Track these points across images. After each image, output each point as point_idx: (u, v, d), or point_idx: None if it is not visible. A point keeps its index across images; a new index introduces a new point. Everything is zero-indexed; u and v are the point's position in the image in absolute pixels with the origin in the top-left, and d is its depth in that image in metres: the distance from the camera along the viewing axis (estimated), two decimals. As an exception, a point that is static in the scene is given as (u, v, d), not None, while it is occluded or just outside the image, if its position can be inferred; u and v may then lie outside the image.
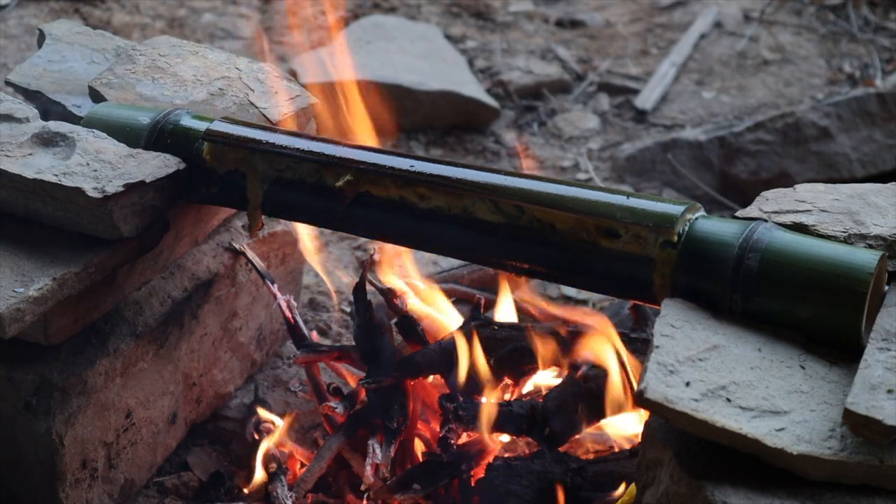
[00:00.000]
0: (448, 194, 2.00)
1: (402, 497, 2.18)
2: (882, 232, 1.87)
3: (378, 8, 4.70)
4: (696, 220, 1.87)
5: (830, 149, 3.79)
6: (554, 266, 1.97)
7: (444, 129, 4.00)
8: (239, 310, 2.57)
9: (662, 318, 1.77)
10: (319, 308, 3.02)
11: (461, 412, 2.20)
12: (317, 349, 2.47)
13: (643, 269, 1.86)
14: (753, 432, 1.61)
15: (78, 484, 2.21)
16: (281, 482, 2.30)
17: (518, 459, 2.21)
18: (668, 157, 3.76)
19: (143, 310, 2.31)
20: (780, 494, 1.61)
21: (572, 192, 1.95)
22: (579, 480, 2.16)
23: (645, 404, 1.65)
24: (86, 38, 2.59)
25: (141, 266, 2.26)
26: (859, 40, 4.53)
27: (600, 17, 4.75)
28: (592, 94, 4.26)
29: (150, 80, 2.41)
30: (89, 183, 2.04)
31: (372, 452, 2.25)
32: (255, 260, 2.52)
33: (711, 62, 4.43)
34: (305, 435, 2.57)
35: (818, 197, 1.96)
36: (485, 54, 4.45)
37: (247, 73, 2.48)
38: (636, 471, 1.81)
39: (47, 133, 2.16)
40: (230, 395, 2.62)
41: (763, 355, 1.74)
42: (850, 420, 1.59)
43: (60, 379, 2.13)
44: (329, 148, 2.12)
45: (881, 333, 1.72)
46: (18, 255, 2.06)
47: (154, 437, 2.40)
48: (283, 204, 2.16)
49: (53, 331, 2.11)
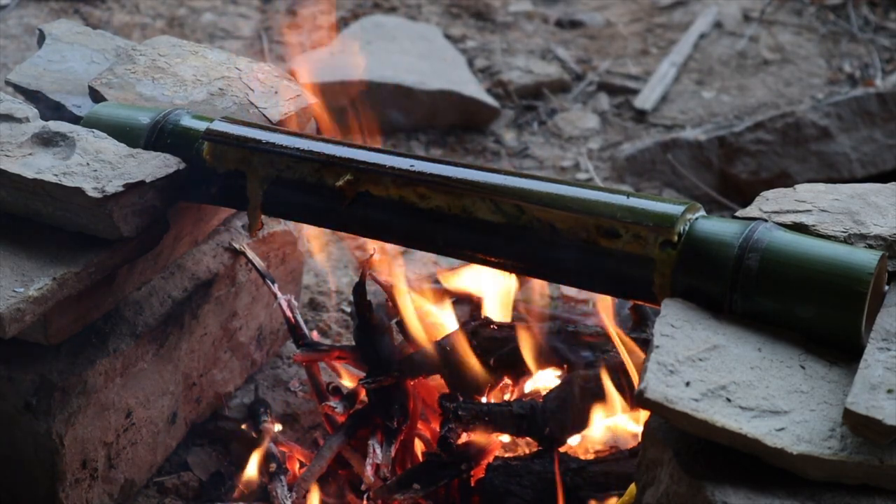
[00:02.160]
0: (448, 194, 2.00)
1: (402, 497, 2.18)
2: (882, 232, 1.87)
3: (378, 8, 4.70)
4: (696, 219, 1.87)
5: (830, 149, 3.79)
6: (554, 266, 1.97)
7: (444, 128, 4.00)
8: (239, 310, 2.57)
9: (662, 318, 1.77)
10: (319, 308, 3.02)
11: (461, 412, 2.20)
12: (317, 348, 2.47)
13: (643, 269, 1.86)
14: (753, 432, 1.61)
15: (78, 484, 2.21)
16: (281, 482, 2.30)
17: (518, 459, 2.21)
18: (668, 157, 3.76)
19: (143, 310, 2.31)
20: (780, 494, 1.61)
21: (572, 191, 1.95)
22: (579, 480, 2.16)
23: (645, 404, 1.64)
24: (86, 38, 2.59)
25: (141, 266, 2.26)
26: (859, 40, 4.53)
27: (600, 17, 4.74)
28: (592, 93, 4.26)
29: (150, 80, 2.41)
30: (89, 183, 2.04)
31: (372, 452, 2.25)
32: (256, 260, 2.52)
33: (711, 62, 4.42)
34: (305, 435, 2.57)
35: (818, 197, 1.96)
36: (485, 54, 4.45)
37: (247, 73, 2.48)
38: (636, 471, 1.81)
39: (47, 133, 2.16)
40: (230, 395, 2.62)
41: (763, 355, 1.74)
42: (850, 420, 1.59)
43: (60, 379, 2.13)
44: (329, 148, 2.12)
45: (881, 333, 1.72)
46: (18, 255, 2.06)
47: (154, 437, 2.40)
48: (284, 204, 2.16)
49: (53, 331, 2.11)
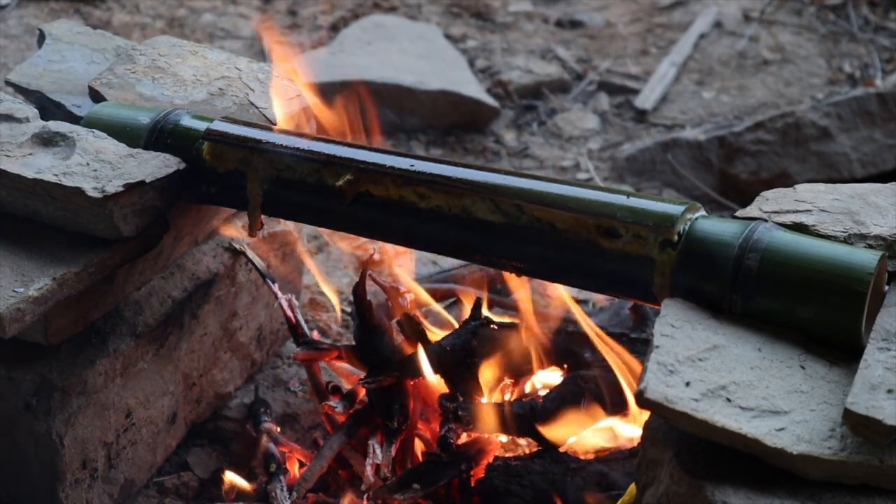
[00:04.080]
0: (448, 194, 2.00)
1: (402, 497, 2.18)
2: (882, 232, 1.87)
3: (378, 8, 4.70)
4: (696, 219, 1.87)
5: (830, 149, 3.79)
6: (554, 266, 1.97)
7: (444, 128, 4.00)
8: (239, 310, 2.57)
9: (662, 318, 1.77)
10: (319, 308, 3.02)
11: (461, 412, 2.20)
12: (317, 346, 2.47)
13: (643, 269, 1.86)
14: (753, 432, 1.61)
15: (78, 484, 2.21)
16: (280, 482, 2.30)
17: (518, 459, 2.21)
18: (668, 157, 3.76)
19: (143, 310, 2.30)
20: (780, 494, 1.61)
21: (572, 191, 1.95)
22: (579, 480, 2.15)
23: (645, 404, 1.64)
24: (86, 38, 2.59)
25: (141, 266, 2.26)
26: (859, 40, 4.53)
27: (600, 17, 4.74)
28: (592, 93, 4.26)
29: (150, 80, 2.41)
30: (89, 183, 2.04)
31: (372, 452, 2.25)
32: (256, 259, 2.52)
33: (711, 62, 4.42)
34: (305, 435, 2.57)
35: (818, 197, 1.96)
36: (485, 54, 4.45)
37: (247, 73, 2.48)
38: (636, 471, 1.81)
39: (47, 133, 2.16)
40: (230, 395, 2.62)
41: (763, 355, 1.74)
42: (850, 420, 1.59)
43: (60, 379, 2.13)
44: (329, 147, 2.12)
45: (881, 333, 1.72)
46: (18, 255, 2.06)
47: (154, 437, 2.40)
48: (283, 204, 2.16)
49: (53, 331, 2.11)
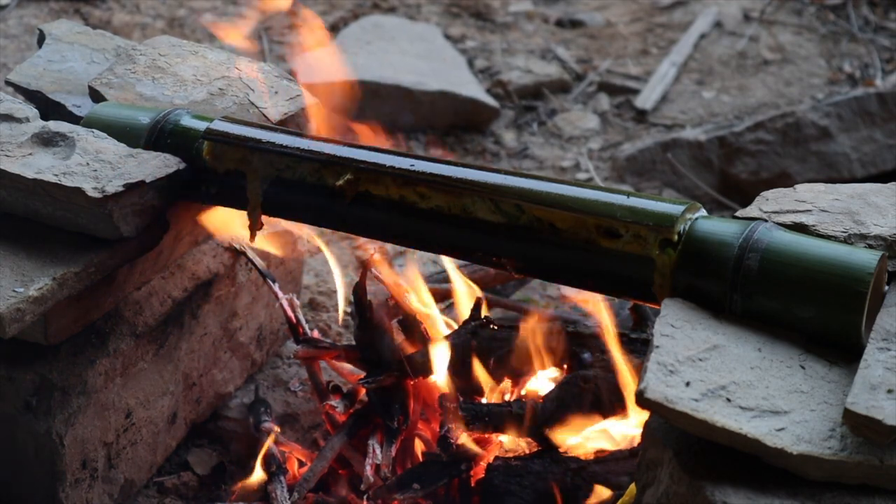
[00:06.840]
0: (448, 194, 2.00)
1: (402, 497, 2.18)
2: (882, 232, 1.87)
3: (378, 8, 4.70)
4: (697, 219, 1.87)
5: (830, 149, 3.79)
6: (554, 266, 1.97)
7: (443, 129, 4.00)
8: (239, 310, 2.57)
9: (662, 318, 1.77)
10: (319, 308, 3.02)
11: (461, 412, 2.20)
12: (317, 345, 2.47)
13: (643, 269, 1.86)
14: (753, 432, 1.61)
15: (78, 484, 2.21)
16: (280, 482, 2.30)
17: (518, 459, 2.21)
18: (668, 157, 3.76)
19: (143, 310, 2.30)
20: (780, 494, 1.61)
21: (572, 191, 1.95)
22: (579, 480, 2.15)
23: (645, 404, 1.64)
24: (86, 38, 2.58)
25: (141, 266, 2.26)
26: (859, 40, 4.53)
27: (600, 17, 4.74)
28: (592, 93, 4.25)
29: (150, 80, 2.41)
30: (89, 183, 2.04)
31: (372, 452, 2.25)
32: (256, 259, 2.52)
33: (711, 62, 4.42)
34: (305, 435, 2.57)
35: (818, 197, 1.96)
36: (484, 54, 4.45)
37: (247, 73, 2.48)
38: (636, 471, 1.81)
39: (47, 133, 2.16)
40: (230, 395, 2.62)
41: (763, 355, 1.74)
42: (850, 420, 1.59)
43: (60, 379, 2.13)
44: (329, 147, 2.12)
45: (881, 333, 1.72)
46: (18, 255, 2.06)
47: (154, 437, 2.40)
48: (283, 204, 2.16)
49: (53, 331, 2.11)
